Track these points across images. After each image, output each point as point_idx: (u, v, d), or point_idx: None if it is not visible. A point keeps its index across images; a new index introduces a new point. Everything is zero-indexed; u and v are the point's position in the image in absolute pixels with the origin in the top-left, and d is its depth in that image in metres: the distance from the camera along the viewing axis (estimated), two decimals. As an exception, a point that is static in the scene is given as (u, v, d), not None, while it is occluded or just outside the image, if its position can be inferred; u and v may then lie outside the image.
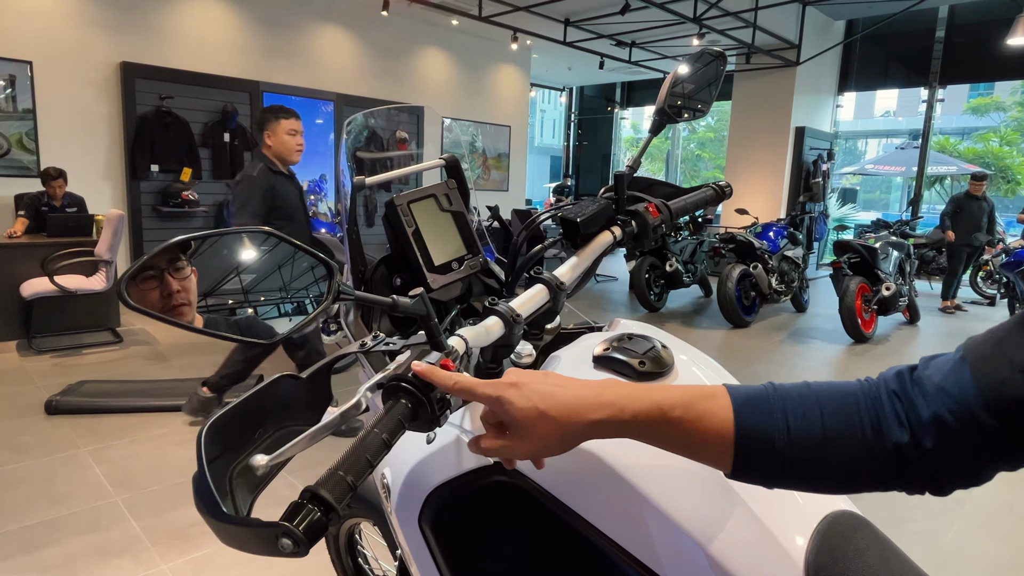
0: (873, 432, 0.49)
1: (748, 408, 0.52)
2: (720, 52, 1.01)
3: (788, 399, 0.52)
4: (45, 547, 2.08)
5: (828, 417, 0.50)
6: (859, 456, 0.49)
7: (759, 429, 0.51)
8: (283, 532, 0.48)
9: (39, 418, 3.12)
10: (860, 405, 0.50)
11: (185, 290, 0.65)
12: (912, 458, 0.48)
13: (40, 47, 5.46)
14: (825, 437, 0.50)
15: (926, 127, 9.24)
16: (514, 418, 0.54)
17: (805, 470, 0.50)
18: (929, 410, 0.48)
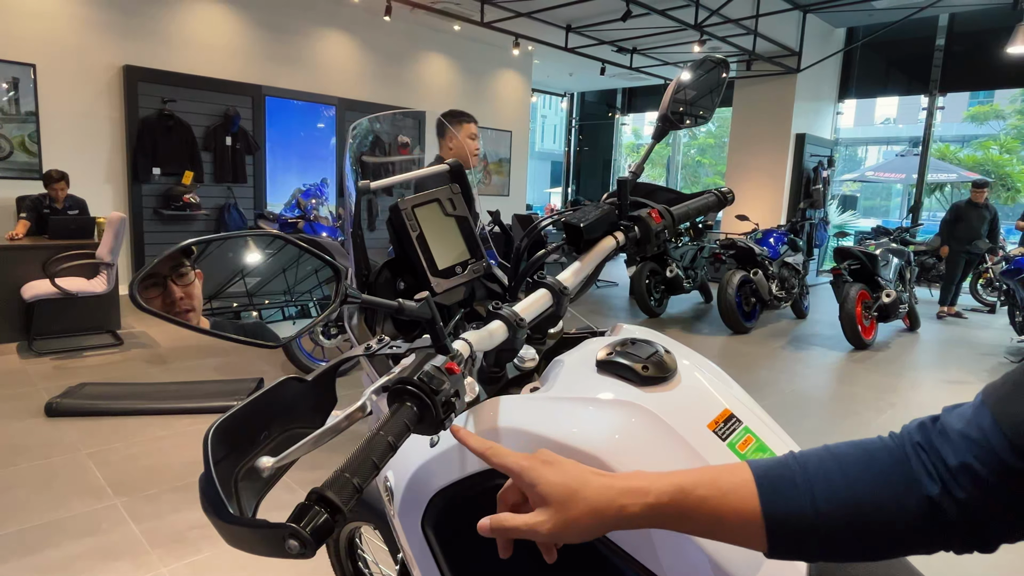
0: (904, 489, 0.47)
1: (771, 488, 0.50)
2: (722, 59, 1.02)
3: (810, 470, 0.50)
4: (44, 549, 2.08)
5: (855, 484, 0.48)
6: (894, 518, 0.47)
7: (786, 511, 0.49)
8: (290, 533, 0.48)
9: (39, 420, 3.12)
10: (886, 464, 0.49)
11: (188, 296, 0.65)
12: (948, 511, 0.46)
13: (43, 50, 5.49)
14: (856, 506, 0.48)
15: (926, 134, 9.26)
16: (546, 493, 0.53)
17: (844, 543, 0.48)
18: (956, 458, 0.46)
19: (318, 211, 7.48)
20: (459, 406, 0.64)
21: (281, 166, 7.25)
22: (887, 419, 3.67)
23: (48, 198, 4.98)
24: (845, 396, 4.11)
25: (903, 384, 4.37)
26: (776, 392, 4.08)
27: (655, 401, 0.69)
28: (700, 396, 0.72)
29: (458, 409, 0.64)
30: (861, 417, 3.69)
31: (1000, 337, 6.09)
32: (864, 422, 3.61)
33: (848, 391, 4.22)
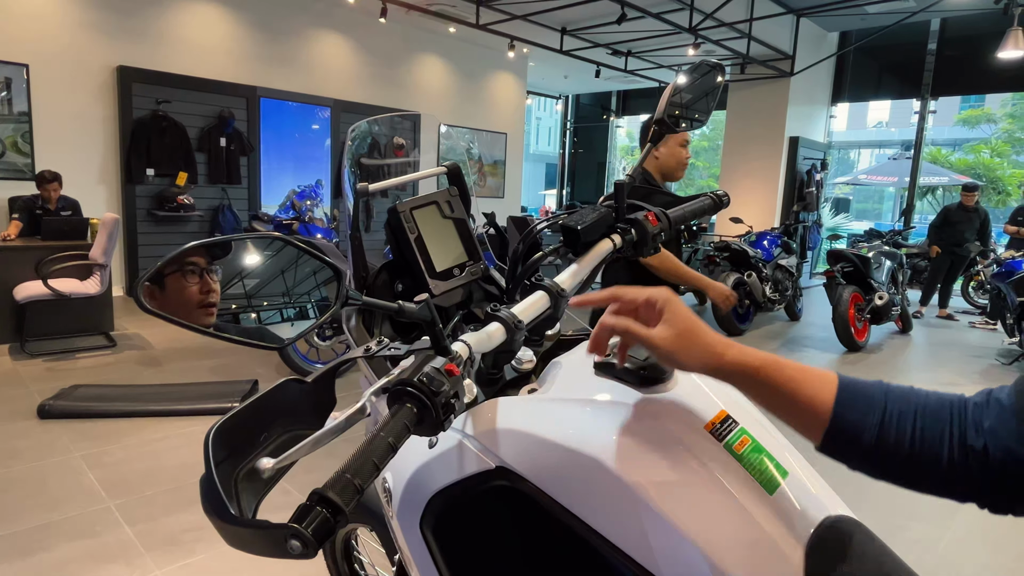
0: (956, 437, 0.53)
1: (849, 396, 0.57)
2: (718, 63, 1.03)
3: (892, 399, 0.57)
4: (37, 552, 2.07)
5: (921, 423, 0.55)
6: (940, 458, 0.54)
7: (852, 420, 0.56)
8: (292, 534, 0.48)
9: (32, 422, 3.10)
10: (949, 413, 0.55)
11: (216, 292, 0.66)
12: (979, 464, 0.52)
13: (37, 50, 5.46)
14: (911, 443, 0.54)
15: (918, 138, 9.33)
16: (678, 317, 0.63)
17: (889, 468, 0.56)
18: (989, 421, 0.52)
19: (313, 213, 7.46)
20: (458, 407, 0.64)
21: (276, 167, 7.23)
22: (880, 421, 3.69)
23: (41, 199, 4.95)
24: (838, 398, 4.13)
25: (896, 386, 4.40)
26: (770, 394, 4.10)
27: (652, 402, 0.70)
28: (697, 398, 0.72)
29: (457, 410, 0.64)
30: (854, 419, 3.72)
31: (991, 339, 6.13)
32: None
33: (841, 393, 4.24)
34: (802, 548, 0.62)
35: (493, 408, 0.75)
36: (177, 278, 0.65)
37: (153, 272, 0.61)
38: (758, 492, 0.65)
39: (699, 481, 0.64)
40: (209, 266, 0.66)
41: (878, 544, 0.66)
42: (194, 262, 0.66)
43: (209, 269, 0.66)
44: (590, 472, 0.66)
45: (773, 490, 0.66)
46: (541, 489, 0.68)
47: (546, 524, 0.69)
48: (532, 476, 0.69)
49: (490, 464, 0.71)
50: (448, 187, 1.02)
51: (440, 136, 8.85)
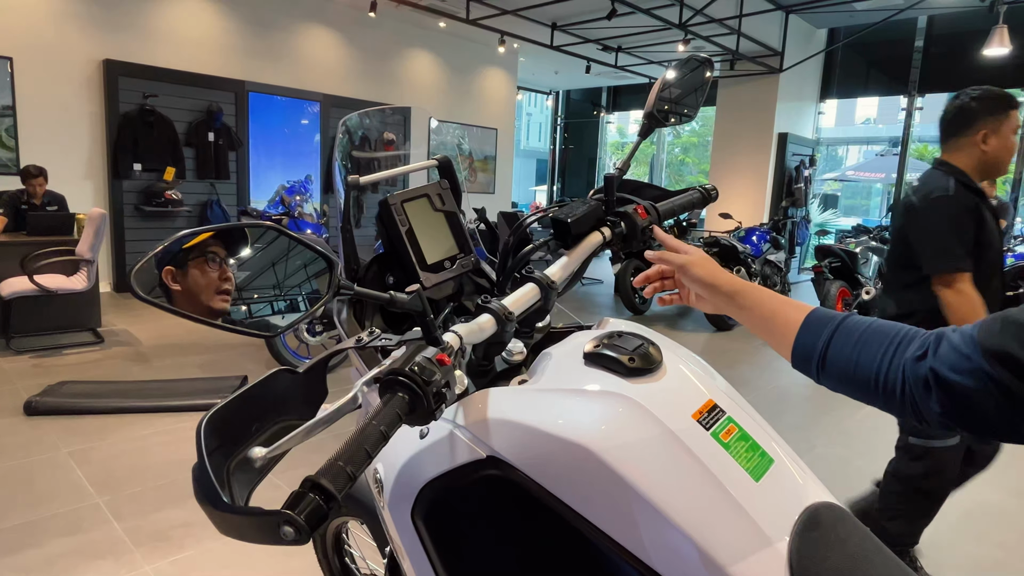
0: (894, 359, 0.62)
1: (811, 322, 0.70)
2: (707, 58, 1.04)
3: (846, 325, 0.67)
4: (25, 549, 2.05)
5: (860, 346, 0.65)
6: (876, 377, 0.63)
7: (806, 346, 0.70)
8: (285, 520, 0.49)
9: (18, 419, 3.08)
10: (894, 340, 0.63)
11: (232, 280, 0.67)
12: (914, 386, 0.60)
13: (21, 43, 5.39)
14: (849, 362, 0.65)
15: (905, 135, 9.41)
16: (689, 252, 0.86)
17: (834, 382, 0.68)
18: (946, 346, 0.59)
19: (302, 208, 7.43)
20: (450, 397, 0.65)
21: (265, 162, 7.19)
22: (866, 414, 3.73)
23: (26, 194, 4.89)
24: (825, 392, 4.16)
25: (882, 380, 4.45)
26: (757, 388, 4.13)
27: (641, 392, 0.70)
28: (685, 387, 0.73)
29: (448, 400, 0.65)
30: (840, 412, 3.75)
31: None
32: (843, 417, 3.67)
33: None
34: (787, 533, 0.63)
35: (484, 398, 0.75)
36: (200, 263, 0.66)
37: (151, 259, 0.61)
38: (745, 479, 0.66)
39: (687, 469, 0.65)
40: (227, 256, 0.68)
41: (861, 530, 0.67)
42: (215, 251, 0.68)
43: (226, 258, 0.68)
44: (579, 461, 0.67)
45: (759, 477, 0.67)
46: (531, 478, 0.69)
47: (536, 512, 0.70)
48: (522, 465, 0.70)
49: (481, 453, 0.72)
50: (439, 180, 1.02)
51: (430, 131, 8.83)
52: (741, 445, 0.69)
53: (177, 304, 0.66)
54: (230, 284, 0.67)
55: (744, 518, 0.63)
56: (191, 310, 0.66)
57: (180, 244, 0.66)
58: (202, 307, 0.66)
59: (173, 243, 0.64)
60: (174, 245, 0.66)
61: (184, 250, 0.66)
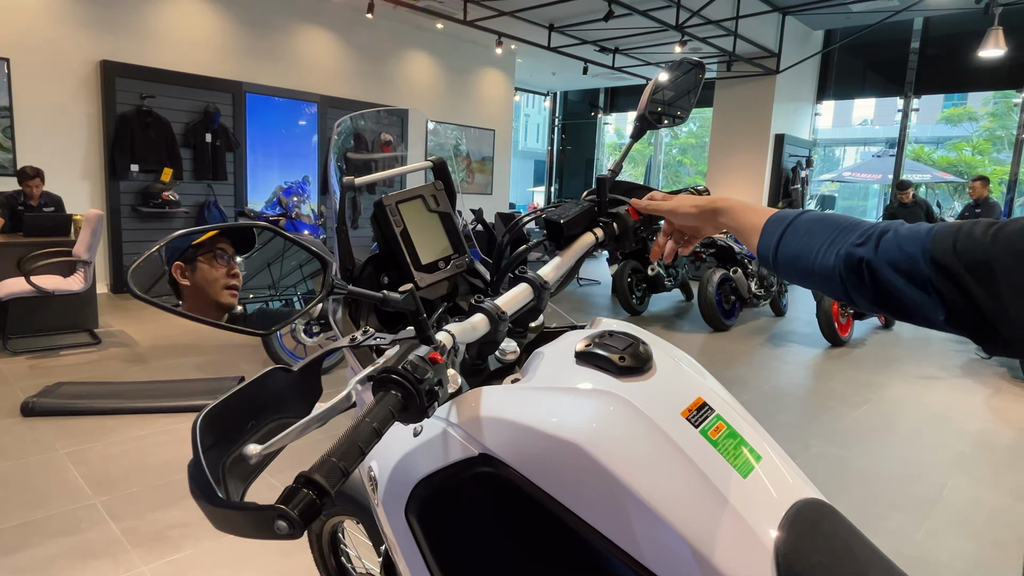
0: (825, 250, 0.66)
1: (766, 228, 0.75)
2: (699, 61, 1.05)
3: (794, 226, 0.72)
4: (22, 550, 2.06)
5: (807, 238, 0.69)
6: (821, 266, 0.67)
7: (764, 244, 0.74)
8: (279, 515, 0.50)
9: (15, 420, 3.08)
10: (845, 232, 0.65)
11: (239, 277, 0.68)
12: (856, 272, 0.63)
13: (18, 44, 5.39)
14: (796, 257, 0.70)
15: (901, 136, 9.45)
16: (674, 198, 0.90)
17: (787, 274, 0.72)
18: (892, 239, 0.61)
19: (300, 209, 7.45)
20: (442, 395, 0.66)
21: (262, 163, 7.19)
22: (863, 413, 3.75)
23: (23, 195, 4.89)
24: (822, 392, 4.19)
25: (878, 380, 4.47)
26: (754, 388, 4.15)
27: (631, 390, 0.71)
28: (674, 385, 0.74)
29: (441, 398, 0.66)
30: (837, 412, 3.77)
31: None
32: (840, 416, 3.69)
33: (825, 387, 4.30)
34: (774, 529, 0.64)
35: (477, 397, 0.76)
36: (209, 259, 0.67)
37: (148, 259, 0.62)
38: (733, 476, 0.67)
39: (676, 466, 0.66)
40: (234, 254, 0.69)
41: (848, 525, 0.68)
42: (224, 247, 0.70)
43: (234, 255, 0.69)
44: (570, 458, 0.68)
45: (747, 474, 0.68)
46: (523, 475, 0.70)
47: (529, 510, 0.71)
48: (515, 463, 0.71)
49: (474, 451, 0.73)
50: (434, 181, 1.03)
51: (428, 132, 8.84)
52: (729, 442, 0.70)
53: (186, 299, 0.67)
54: (238, 280, 0.69)
55: (731, 514, 0.64)
56: (198, 305, 0.67)
57: (188, 241, 0.68)
58: (210, 301, 0.68)
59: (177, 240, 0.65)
60: (179, 242, 0.67)
61: (193, 246, 0.68)
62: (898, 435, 3.45)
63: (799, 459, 3.07)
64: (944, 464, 3.06)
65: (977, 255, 0.53)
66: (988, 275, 0.52)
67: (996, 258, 0.52)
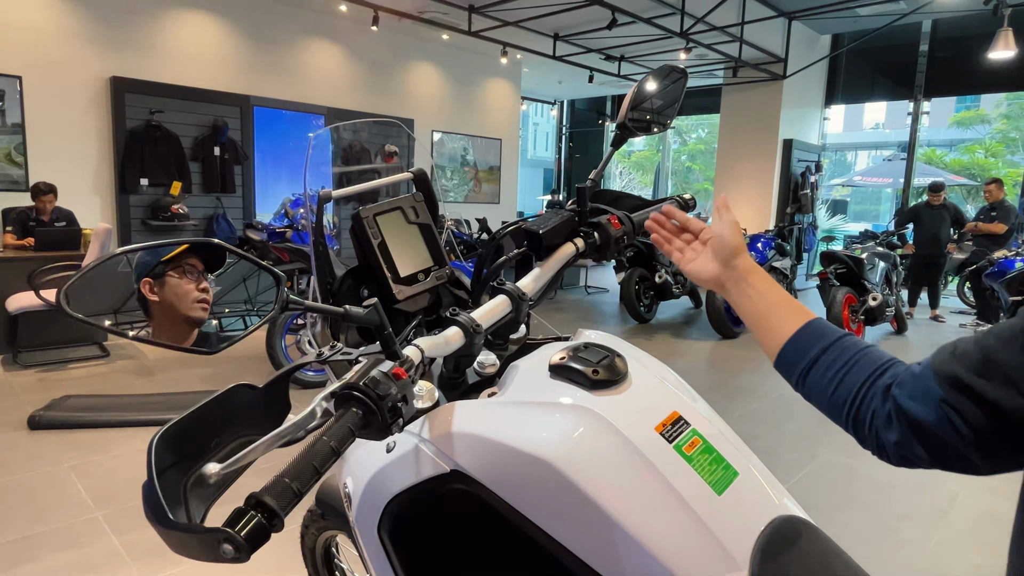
0: (864, 393, 0.62)
1: (804, 335, 0.69)
2: (683, 68, 1.03)
3: (832, 349, 0.66)
4: (22, 564, 2.06)
5: (844, 372, 0.64)
6: (848, 403, 0.63)
7: (791, 361, 0.69)
8: (224, 538, 0.49)
9: (22, 433, 3.10)
10: (875, 372, 0.62)
11: (209, 291, 0.68)
12: (877, 417, 0.60)
13: (30, 62, 5.48)
14: (828, 385, 0.65)
15: (912, 139, 9.36)
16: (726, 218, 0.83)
17: (810, 397, 0.68)
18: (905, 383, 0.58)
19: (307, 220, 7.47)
20: (406, 412, 0.64)
21: (271, 176, 7.24)
22: (873, 422, 3.68)
23: (35, 210, 4.96)
24: (831, 399, 4.12)
25: (889, 387, 4.39)
26: (762, 396, 4.09)
27: (604, 404, 0.70)
28: (649, 399, 0.72)
29: (405, 415, 0.64)
30: (847, 420, 3.71)
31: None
32: (850, 425, 3.63)
33: (835, 394, 4.23)
34: (748, 548, 0.62)
35: (449, 412, 0.75)
36: (178, 274, 0.67)
37: (78, 277, 0.61)
38: (706, 493, 0.65)
39: (647, 483, 0.65)
40: (205, 270, 0.69)
41: (827, 544, 0.66)
42: (192, 263, 0.69)
43: (204, 271, 0.69)
44: (540, 475, 0.66)
45: (722, 491, 0.66)
46: (496, 494, 0.69)
47: (501, 528, 0.69)
48: (486, 479, 0.69)
49: (445, 468, 0.72)
50: (414, 192, 1.02)
51: (432, 143, 8.87)
52: (704, 458, 0.68)
53: (155, 315, 0.67)
54: (208, 294, 0.68)
55: (704, 533, 0.62)
56: (167, 320, 0.67)
57: (157, 257, 0.68)
58: (180, 316, 0.68)
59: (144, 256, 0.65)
60: (148, 258, 0.67)
61: (163, 262, 0.67)
62: (909, 443, 3.38)
63: (806, 468, 3.02)
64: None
65: (974, 356, 0.54)
66: (991, 368, 0.52)
67: (991, 348, 0.53)
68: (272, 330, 3.91)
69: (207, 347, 0.65)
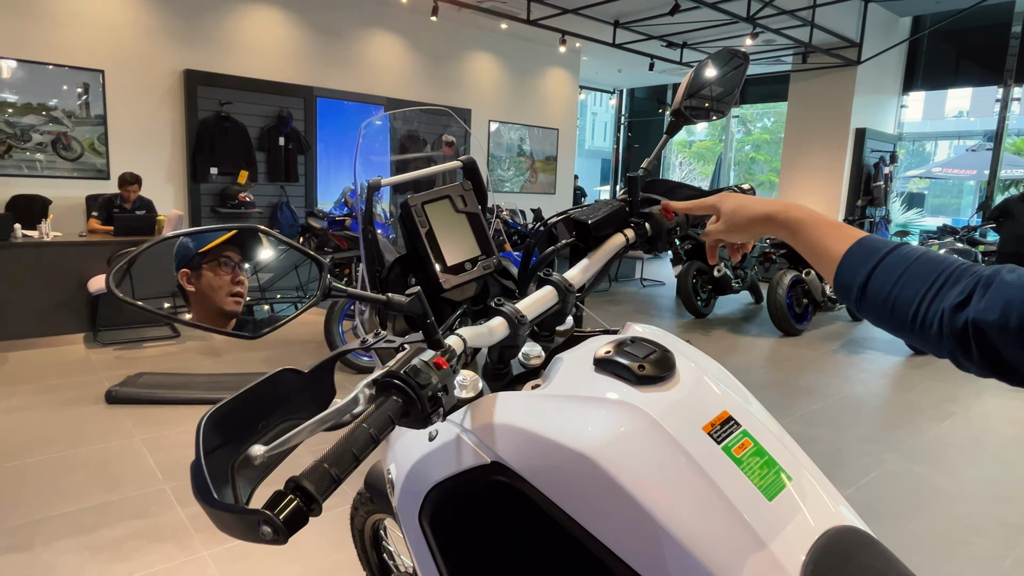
0: (927, 306, 0.57)
1: (856, 250, 0.65)
2: (742, 52, 0.99)
3: (892, 257, 0.62)
4: (97, 529, 2.20)
5: (903, 280, 0.60)
6: (913, 315, 0.58)
7: (847, 278, 0.65)
8: (264, 520, 0.49)
9: (100, 407, 3.30)
10: (940, 278, 0.57)
11: (245, 284, 0.69)
12: (954, 328, 0.55)
13: (111, 57, 5.79)
14: (888, 297, 0.60)
15: (1000, 128, 8.73)
16: (730, 202, 0.81)
17: (870, 314, 0.63)
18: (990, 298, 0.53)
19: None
20: (447, 401, 0.64)
21: (333, 166, 7.43)
22: (947, 428, 3.48)
23: (119, 198, 5.25)
24: (901, 403, 3.92)
25: (965, 393, 4.14)
26: (826, 397, 3.93)
27: (649, 401, 0.67)
28: (698, 397, 0.70)
29: (446, 404, 0.64)
30: (917, 425, 3.52)
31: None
32: (920, 430, 3.44)
33: (904, 398, 4.02)
34: (800, 559, 0.59)
35: (492, 403, 0.74)
36: (214, 267, 0.68)
37: (128, 261, 0.63)
38: (756, 498, 0.62)
39: (693, 485, 0.62)
40: (241, 260, 0.70)
41: (887, 558, 0.62)
42: (229, 255, 0.70)
43: (240, 263, 0.70)
44: (581, 470, 0.64)
45: (773, 496, 0.63)
46: (538, 488, 0.67)
47: (540, 521, 0.68)
48: (526, 472, 0.68)
49: (486, 459, 0.71)
50: (462, 181, 1.01)
51: (490, 133, 8.89)
52: (755, 461, 0.65)
53: (192, 305, 0.68)
54: (242, 287, 0.69)
55: (752, 540, 0.59)
56: (204, 310, 0.68)
57: (194, 249, 0.69)
58: (215, 308, 0.69)
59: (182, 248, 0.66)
60: (185, 250, 0.68)
61: (200, 254, 0.69)
62: (985, 453, 3.18)
63: (870, 474, 2.88)
64: (1039, 486, 2.80)
65: None
66: None
67: None
68: (330, 316, 4.02)
69: (248, 332, 0.66)
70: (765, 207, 0.76)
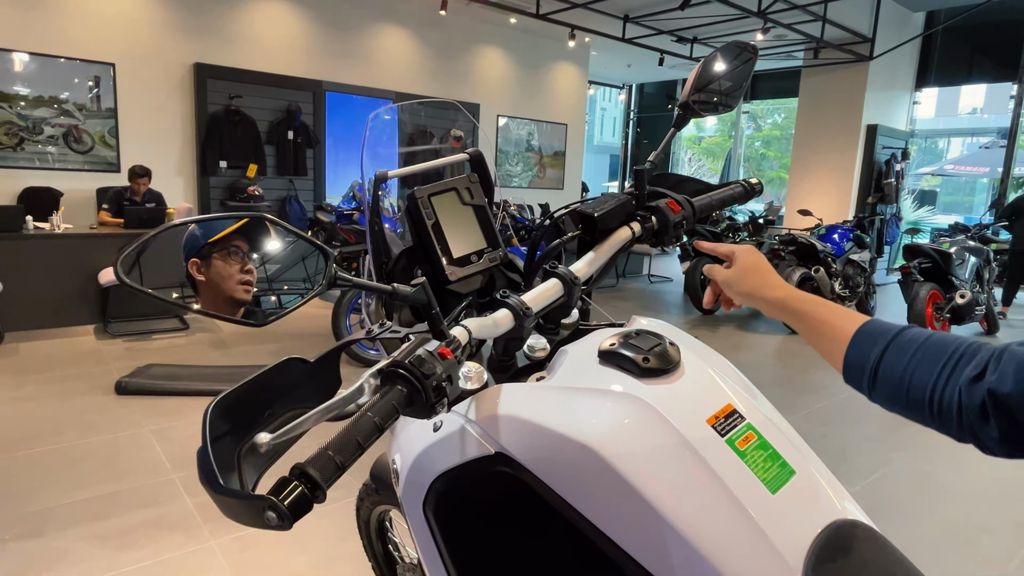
0: (944, 384, 0.56)
1: (863, 334, 0.64)
2: (751, 45, 0.98)
3: (900, 339, 0.61)
4: (107, 518, 2.22)
5: (914, 363, 0.59)
6: (927, 398, 0.58)
7: (858, 362, 0.64)
8: (269, 506, 0.50)
9: (110, 397, 3.34)
10: (952, 358, 0.57)
11: (253, 273, 0.70)
12: (960, 409, 0.55)
13: (122, 50, 5.82)
14: (902, 380, 0.59)
15: (1014, 125, 8.63)
16: (748, 258, 0.82)
17: (884, 399, 0.62)
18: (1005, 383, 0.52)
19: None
20: (451, 392, 0.64)
21: (341, 159, 7.44)
22: (954, 427, 3.46)
23: (130, 191, 5.29)
24: (909, 401, 3.89)
25: (975, 391, 4.10)
26: (832, 394, 3.91)
27: (653, 393, 0.67)
28: (702, 390, 0.70)
29: (450, 394, 0.64)
30: (925, 424, 3.49)
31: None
32: (928, 429, 3.41)
33: (913, 396, 3.99)
34: (803, 551, 0.59)
35: (496, 394, 0.74)
36: (223, 257, 0.69)
37: (135, 247, 0.63)
38: (759, 491, 0.62)
39: (696, 477, 0.62)
40: (249, 250, 0.70)
41: (891, 552, 0.62)
42: (238, 244, 0.70)
43: (249, 252, 0.70)
44: (584, 462, 0.65)
45: (776, 489, 0.63)
46: (541, 479, 0.68)
47: (544, 512, 0.68)
48: (530, 464, 0.68)
49: (490, 450, 0.71)
50: (469, 174, 1.02)
51: (498, 128, 8.88)
52: (759, 454, 0.65)
53: (201, 293, 0.69)
54: (251, 276, 0.70)
55: (755, 532, 0.59)
56: (213, 299, 0.69)
57: (204, 239, 0.70)
58: (224, 296, 0.69)
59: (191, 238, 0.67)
60: (194, 240, 0.69)
61: (209, 244, 0.69)
62: (995, 452, 3.15)
63: (877, 472, 2.87)
64: (1048, 486, 2.78)
65: None
66: None
67: None
68: (338, 308, 4.04)
69: (255, 320, 0.66)
70: (777, 292, 0.76)
